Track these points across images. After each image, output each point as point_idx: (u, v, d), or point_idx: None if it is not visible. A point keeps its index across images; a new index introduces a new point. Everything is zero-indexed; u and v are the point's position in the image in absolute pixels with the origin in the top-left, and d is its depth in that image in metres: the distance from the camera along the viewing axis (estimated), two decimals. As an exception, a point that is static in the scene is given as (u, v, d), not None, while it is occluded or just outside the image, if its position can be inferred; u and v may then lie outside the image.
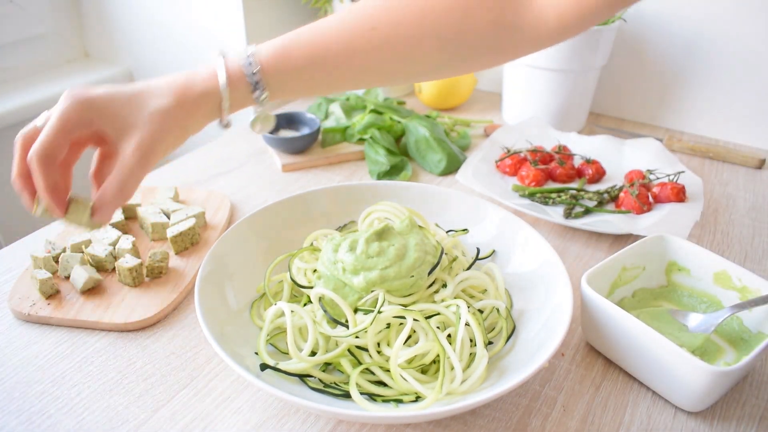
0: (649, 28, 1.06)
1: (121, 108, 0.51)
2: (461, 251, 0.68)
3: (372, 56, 0.55)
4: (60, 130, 0.49)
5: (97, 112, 0.50)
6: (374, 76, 0.57)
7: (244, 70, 0.53)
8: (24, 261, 0.73)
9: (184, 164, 0.97)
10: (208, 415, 0.54)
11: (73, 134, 0.50)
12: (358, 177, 0.93)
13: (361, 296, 0.57)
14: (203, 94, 0.53)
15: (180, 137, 0.54)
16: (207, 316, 0.54)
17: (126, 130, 0.51)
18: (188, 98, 0.52)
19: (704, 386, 0.51)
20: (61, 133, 0.50)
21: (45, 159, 0.49)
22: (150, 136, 0.51)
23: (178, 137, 0.53)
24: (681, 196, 0.81)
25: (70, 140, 0.51)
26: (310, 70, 0.55)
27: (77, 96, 0.50)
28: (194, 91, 0.52)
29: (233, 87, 0.53)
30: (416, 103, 1.19)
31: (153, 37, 1.23)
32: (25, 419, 0.53)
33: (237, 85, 0.54)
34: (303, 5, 1.22)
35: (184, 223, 0.74)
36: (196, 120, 0.54)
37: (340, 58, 0.54)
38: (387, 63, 0.56)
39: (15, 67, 1.22)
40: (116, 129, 0.51)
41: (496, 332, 0.60)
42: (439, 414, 0.48)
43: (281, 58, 0.54)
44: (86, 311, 0.64)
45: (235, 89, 0.54)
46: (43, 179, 0.50)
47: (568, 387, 0.58)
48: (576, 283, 0.66)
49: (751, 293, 0.60)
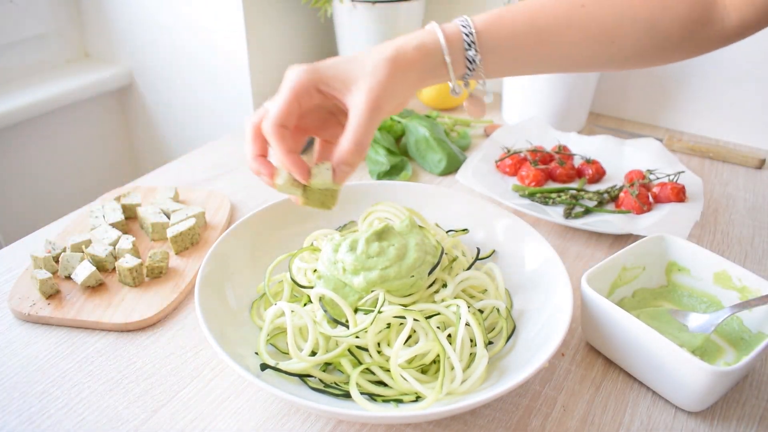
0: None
1: (344, 66, 0.53)
2: (461, 251, 0.68)
3: (578, 34, 0.57)
4: (291, 97, 0.51)
5: (322, 74, 0.53)
6: (577, 56, 0.59)
7: (459, 29, 0.55)
8: (24, 261, 0.73)
9: (184, 164, 0.97)
10: (208, 415, 0.54)
11: (302, 100, 0.52)
12: (358, 177, 0.93)
13: (362, 296, 0.57)
14: (420, 47, 0.54)
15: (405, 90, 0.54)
16: (207, 316, 0.54)
17: (352, 82, 0.52)
18: (407, 50, 0.54)
19: (704, 386, 0.51)
20: (292, 98, 0.51)
21: (280, 126, 0.51)
22: (377, 83, 0.52)
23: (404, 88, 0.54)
24: (681, 196, 0.81)
25: (301, 107, 0.52)
26: (521, 39, 0.56)
27: (302, 66, 0.53)
28: (411, 44, 0.54)
29: (449, 43, 0.55)
30: (416, 103, 1.19)
31: (153, 37, 1.23)
32: (25, 419, 0.53)
33: (452, 42, 0.55)
34: (303, 5, 1.22)
35: (184, 223, 0.74)
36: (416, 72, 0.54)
37: (551, 31, 0.56)
38: (591, 43, 0.57)
39: (15, 67, 1.22)
40: (342, 82, 0.53)
41: (496, 332, 0.60)
42: (439, 414, 0.48)
43: (494, 24, 0.56)
44: (86, 311, 0.64)
45: (451, 46, 0.55)
46: (281, 145, 0.52)
47: (568, 387, 0.58)
48: (576, 283, 0.66)
49: (751, 293, 0.60)
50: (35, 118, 1.21)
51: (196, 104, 1.27)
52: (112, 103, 1.36)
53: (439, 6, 1.25)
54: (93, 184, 1.36)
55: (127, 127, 1.42)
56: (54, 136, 1.27)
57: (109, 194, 0.85)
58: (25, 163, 1.23)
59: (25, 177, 1.24)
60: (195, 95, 1.26)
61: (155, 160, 1.40)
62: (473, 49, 0.55)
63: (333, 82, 0.53)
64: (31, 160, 1.24)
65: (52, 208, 1.27)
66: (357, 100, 0.52)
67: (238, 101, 1.20)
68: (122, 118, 1.40)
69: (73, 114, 1.28)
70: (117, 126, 1.40)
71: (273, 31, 1.18)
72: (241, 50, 1.13)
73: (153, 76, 1.29)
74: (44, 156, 1.26)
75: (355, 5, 1.09)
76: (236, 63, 1.15)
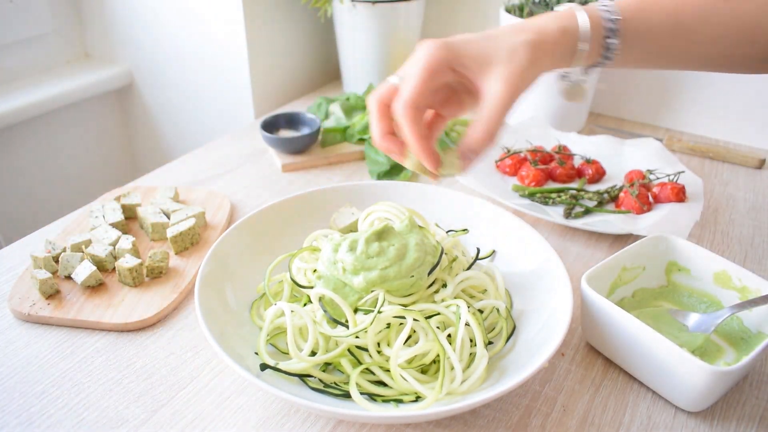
0: (649, 28, 1.06)
1: (478, 44, 0.50)
2: (461, 251, 0.68)
3: (718, 30, 0.54)
4: (426, 75, 0.49)
5: (456, 52, 0.50)
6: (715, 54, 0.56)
7: (602, 14, 0.52)
8: (24, 261, 0.73)
9: (184, 164, 0.97)
10: (208, 415, 0.54)
11: (435, 79, 0.50)
12: (358, 177, 0.93)
13: (361, 296, 0.57)
14: (562, 30, 0.51)
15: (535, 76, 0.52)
16: (207, 316, 0.54)
17: (488, 65, 0.50)
18: (548, 34, 0.51)
19: (704, 386, 0.51)
20: (426, 77, 0.49)
21: (414, 108, 0.49)
22: (515, 67, 0.49)
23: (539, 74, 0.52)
24: (681, 196, 0.81)
25: (434, 87, 0.50)
26: (666, 29, 0.54)
27: (434, 42, 0.50)
28: (551, 27, 0.51)
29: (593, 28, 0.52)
30: (416, 103, 1.19)
31: (153, 37, 1.23)
32: (25, 419, 0.53)
33: (595, 27, 0.52)
34: (303, 5, 1.22)
35: (184, 223, 0.74)
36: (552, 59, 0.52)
37: (691, 26, 0.54)
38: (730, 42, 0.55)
39: (15, 67, 1.22)
40: (478, 64, 0.50)
41: (496, 332, 0.60)
42: (439, 414, 0.48)
43: (641, 12, 0.53)
44: (86, 311, 0.64)
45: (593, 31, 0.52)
46: (414, 130, 0.49)
47: (568, 387, 0.58)
48: (576, 283, 0.66)
49: (751, 293, 0.60)
50: (35, 118, 1.21)
51: (196, 104, 1.27)
52: (112, 103, 1.36)
53: (439, 6, 1.25)
54: (93, 184, 1.36)
55: (127, 127, 1.42)
56: (54, 136, 1.27)
57: (109, 194, 0.85)
58: (25, 163, 1.23)
59: (25, 177, 1.24)
60: (195, 95, 1.26)
61: (155, 160, 1.40)
62: (615, 37, 0.52)
63: (469, 62, 0.50)
64: (31, 160, 1.24)
65: (52, 208, 1.27)
66: (493, 88, 0.49)
67: (238, 101, 1.20)
68: (122, 118, 1.40)
69: (73, 114, 1.28)
70: (117, 126, 1.40)
71: (273, 31, 1.18)
72: (241, 50, 1.13)
73: (153, 76, 1.29)
74: (44, 156, 1.26)
75: (355, 5, 1.09)
76: (236, 63, 1.15)
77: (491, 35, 0.51)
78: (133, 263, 0.67)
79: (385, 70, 1.17)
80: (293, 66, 1.26)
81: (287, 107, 1.20)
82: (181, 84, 1.26)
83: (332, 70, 1.36)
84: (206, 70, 1.21)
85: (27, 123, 1.20)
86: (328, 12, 1.14)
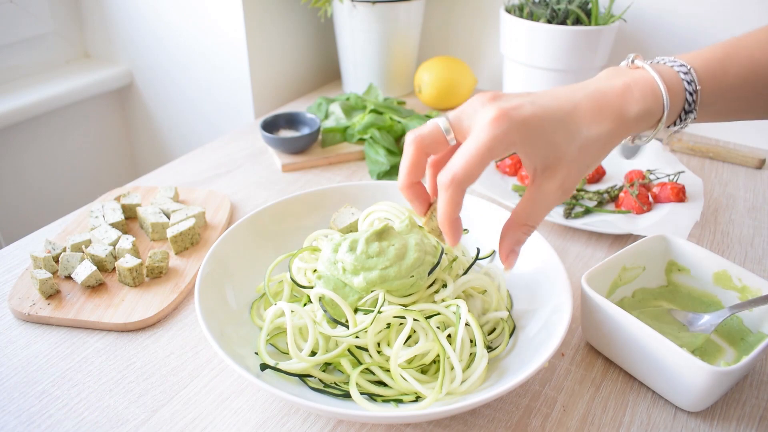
0: (649, 28, 1.06)
1: (553, 134, 0.44)
2: (461, 251, 0.68)
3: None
4: (485, 157, 0.43)
5: (525, 136, 0.44)
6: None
7: (684, 85, 0.48)
8: (24, 261, 0.73)
9: (184, 164, 0.97)
10: (208, 415, 0.54)
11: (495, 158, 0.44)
12: (358, 177, 0.93)
13: (361, 296, 0.57)
14: (644, 114, 0.46)
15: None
16: (207, 316, 0.54)
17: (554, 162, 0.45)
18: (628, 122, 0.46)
19: (704, 386, 0.51)
20: (486, 160, 0.43)
21: (463, 188, 0.44)
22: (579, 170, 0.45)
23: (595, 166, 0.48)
24: (681, 196, 0.81)
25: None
26: (744, 89, 0.50)
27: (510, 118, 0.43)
28: (633, 112, 0.46)
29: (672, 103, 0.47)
30: (416, 103, 1.19)
31: (153, 37, 1.23)
32: (25, 419, 0.53)
33: (674, 102, 0.48)
34: (303, 5, 1.22)
35: (184, 223, 0.74)
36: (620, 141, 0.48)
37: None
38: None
39: (15, 67, 1.22)
40: (543, 158, 0.45)
41: (497, 334, 0.60)
42: (439, 414, 0.48)
43: (718, 76, 0.49)
44: (86, 311, 0.64)
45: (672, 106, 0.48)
46: (454, 210, 0.45)
47: (568, 387, 0.58)
48: (576, 283, 0.66)
49: (751, 293, 0.60)
50: (35, 118, 1.21)
51: (196, 104, 1.27)
52: (112, 103, 1.37)
53: (440, 6, 1.25)
54: (93, 184, 1.36)
55: (127, 127, 1.42)
56: (54, 136, 1.27)
57: (109, 194, 0.85)
58: (25, 163, 1.23)
59: (25, 177, 1.24)
60: (195, 95, 1.26)
61: (155, 160, 1.40)
62: (694, 110, 0.48)
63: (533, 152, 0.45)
64: (31, 160, 1.24)
65: (52, 208, 1.27)
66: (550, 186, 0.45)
67: (238, 101, 1.20)
68: (122, 118, 1.40)
69: (73, 114, 1.28)
70: (117, 126, 1.40)
71: (273, 31, 1.18)
72: (241, 50, 1.13)
73: (153, 76, 1.30)
74: (44, 156, 1.26)
75: (355, 5, 1.09)
76: (236, 63, 1.15)
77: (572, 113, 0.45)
78: (133, 263, 0.67)
79: (385, 69, 1.18)
80: (293, 66, 1.26)
81: (287, 107, 1.20)
82: (181, 84, 1.26)
83: (332, 70, 1.36)
84: (206, 70, 1.21)
85: (27, 123, 1.20)
86: (328, 12, 1.14)
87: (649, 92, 0.47)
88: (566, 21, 0.97)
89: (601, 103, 0.46)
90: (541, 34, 0.96)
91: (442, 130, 0.47)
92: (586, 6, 0.99)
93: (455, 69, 1.14)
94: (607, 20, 0.97)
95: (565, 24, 0.97)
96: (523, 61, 1.01)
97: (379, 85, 1.19)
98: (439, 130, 0.47)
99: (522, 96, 0.46)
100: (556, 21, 0.97)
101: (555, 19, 0.97)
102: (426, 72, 1.14)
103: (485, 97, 0.46)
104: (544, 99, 0.46)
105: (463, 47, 1.27)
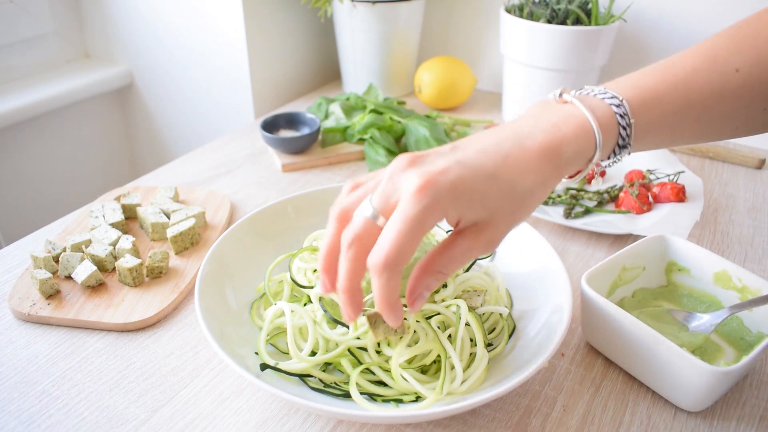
0: (649, 28, 1.06)
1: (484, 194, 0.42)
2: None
3: (732, 104, 0.49)
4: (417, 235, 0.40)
5: (455, 202, 0.41)
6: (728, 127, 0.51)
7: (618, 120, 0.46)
8: (24, 261, 0.73)
9: (184, 164, 0.97)
10: (208, 415, 0.54)
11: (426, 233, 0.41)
12: (358, 177, 0.93)
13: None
14: (576, 156, 0.45)
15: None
16: (207, 316, 0.54)
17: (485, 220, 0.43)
18: (560, 167, 0.44)
19: (704, 386, 0.51)
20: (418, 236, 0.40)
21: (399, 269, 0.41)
22: (509, 225, 0.44)
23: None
24: (681, 196, 0.81)
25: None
26: (679, 118, 0.48)
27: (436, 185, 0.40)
28: (565, 156, 0.44)
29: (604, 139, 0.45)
30: (416, 103, 1.19)
31: (153, 37, 1.23)
32: (25, 419, 0.53)
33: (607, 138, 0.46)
34: (303, 5, 1.22)
35: (184, 223, 0.74)
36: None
37: (704, 105, 0.48)
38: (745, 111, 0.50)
39: (15, 67, 1.22)
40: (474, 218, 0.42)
41: (497, 333, 0.60)
42: (439, 414, 0.48)
43: (652, 107, 0.47)
44: (86, 311, 0.64)
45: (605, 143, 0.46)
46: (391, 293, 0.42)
47: (568, 387, 0.58)
48: (576, 283, 0.66)
49: (751, 293, 0.60)
50: (35, 118, 1.21)
51: (196, 104, 1.27)
52: (112, 103, 1.37)
53: (440, 6, 1.25)
54: (93, 184, 1.36)
55: (127, 127, 1.42)
56: (54, 136, 1.27)
57: (109, 194, 0.85)
58: (25, 163, 1.23)
59: (25, 177, 1.24)
60: (195, 95, 1.26)
61: (155, 160, 1.40)
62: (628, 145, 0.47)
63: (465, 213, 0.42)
64: (31, 160, 1.24)
65: (52, 208, 1.27)
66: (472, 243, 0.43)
67: (238, 101, 1.20)
68: (122, 118, 1.40)
69: (73, 114, 1.28)
70: (117, 126, 1.40)
71: (273, 31, 1.18)
72: (241, 50, 1.13)
73: (153, 76, 1.30)
74: (44, 156, 1.26)
75: (355, 5, 1.09)
76: (236, 63, 1.15)
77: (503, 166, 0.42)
78: (133, 263, 0.67)
79: (385, 69, 1.18)
80: (293, 66, 1.26)
81: (287, 107, 1.20)
82: (181, 84, 1.26)
83: (332, 70, 1.36)
84: (206, 70, 1.21)
85: (27, 123, 1.20)
86: (328, 12, 1.14)
87: (580, 132, 0.45)
88: (566, 21, 0.97)
89: (531, 152, 0.43)
90: (541, 34, 0.96)
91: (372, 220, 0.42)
92: (586, 6, 0.99)
93: (455, 69, 1.14)
94: (607, 20, 0.97)
95: (565, 24, 0.97)
96: (523, 61, 1.01)
97: (379, 85, 1.19)
98: (371, 223, 0.42)
99: (445, 155, 0.43)
100: (556, 21, 0.97)
101: (555, 19, 0.97)
102: (426, 72, 1.14)
103: (404, 161, 0.43)
104: (470, 155, 0.43)
105: (463, 47, 1.27)
